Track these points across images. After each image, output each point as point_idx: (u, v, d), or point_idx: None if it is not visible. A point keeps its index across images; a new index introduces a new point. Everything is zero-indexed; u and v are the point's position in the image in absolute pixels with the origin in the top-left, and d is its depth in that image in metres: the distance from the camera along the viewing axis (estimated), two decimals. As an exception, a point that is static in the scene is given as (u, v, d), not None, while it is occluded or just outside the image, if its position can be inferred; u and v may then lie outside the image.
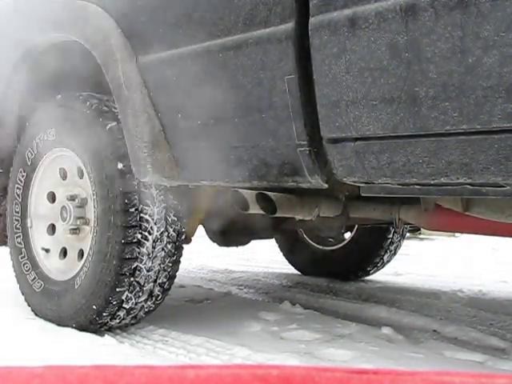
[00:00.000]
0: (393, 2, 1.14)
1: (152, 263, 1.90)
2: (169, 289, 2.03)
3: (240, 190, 2.03)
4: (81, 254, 2.05)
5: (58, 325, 2.01)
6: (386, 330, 2.08)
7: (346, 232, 3.37)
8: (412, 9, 1.11)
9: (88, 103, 1.94)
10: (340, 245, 3.38)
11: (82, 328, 1.94)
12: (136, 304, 1.94)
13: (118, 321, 1.97)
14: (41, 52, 2.19)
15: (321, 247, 3.44)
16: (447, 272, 3.74)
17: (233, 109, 1.53)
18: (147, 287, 1.93)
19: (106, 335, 1.94)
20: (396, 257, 3.38)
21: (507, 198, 1.23)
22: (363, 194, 1.43)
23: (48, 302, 2.05)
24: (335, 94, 1.27)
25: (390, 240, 3.22)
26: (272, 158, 1.49)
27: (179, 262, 2.02)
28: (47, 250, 2.18)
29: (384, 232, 3.18)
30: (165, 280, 1.98)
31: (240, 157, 1.56)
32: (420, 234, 6.10)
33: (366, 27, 1.19)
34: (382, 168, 1.26)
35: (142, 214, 1.84)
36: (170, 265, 1.97)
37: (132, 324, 2.08)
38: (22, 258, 2.19)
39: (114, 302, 1.88)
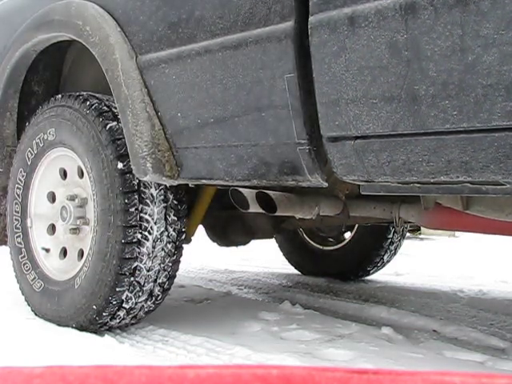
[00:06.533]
0: (392, 0, 1.14)
1: (152, 263, 1.89)
2: (169, 289, 2.03)
3: (240, 189, 2.03)
4: (81, 253, 2.05)
5: (58, 325, 2.01)
6: (385, 330, 2.08)
7: (346, 232, 3.37)
8: (412, 7, 1.11)
9: (88, 103, 1.94)
10: (340, 245, 3.38)
11: (82, 328, 1.94)
12: (136, 304, 1.94)
13: (117, 321, 1.97)
14: (41, 51, 2.19)
15: (321, 247, 3.43)
16: (447, 272, 3.74)
17: (232, 107, 1.53)
18: (147, 287, 1.93)
19: (106, 335, 1.94)
20: (396, 257, 3.38)
21: (507, 196, 1.23)
22: (363, 193, 1.42)
23: (48, 302, 2.05)
24: (335, 92, 1.27)
25: (390, 240, 3.21)
26: (272, 157, 1.49)
27: (179, 261, 2.01)
28: (47, 250, 2.18)
29: (384, 232, 3.18)
30: (165, 280, 1.97)
31: (240, 155, 1.56)
32: (420, 233, 6.11)
33: (366, 25, 1.18)
34: (381, 166, 1.26)
35: (141, 214, 1.84)
36: (170, 265, 1.96)
37: (132, 324, 2.08)
38: (22, 258, 2.19)
39: (114, 302, 1.88)
